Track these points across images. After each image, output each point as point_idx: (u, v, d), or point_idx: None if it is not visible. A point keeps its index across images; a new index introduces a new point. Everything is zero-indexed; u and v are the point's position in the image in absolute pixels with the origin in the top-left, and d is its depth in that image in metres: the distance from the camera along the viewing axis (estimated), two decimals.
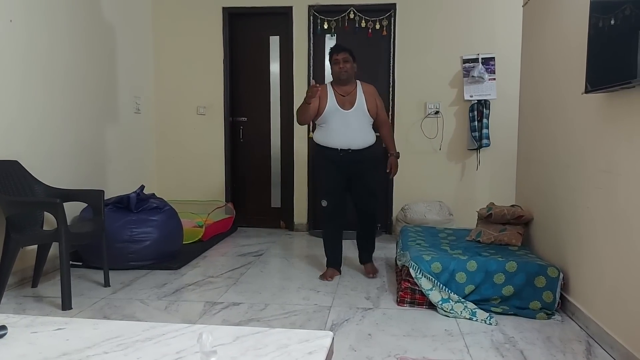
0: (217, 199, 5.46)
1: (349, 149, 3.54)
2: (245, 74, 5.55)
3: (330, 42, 5.32)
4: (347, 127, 3.53)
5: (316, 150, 3.70)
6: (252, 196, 5.65)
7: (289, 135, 5.44)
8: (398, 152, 3.76)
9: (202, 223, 4.75)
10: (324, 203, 3.64)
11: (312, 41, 5.30)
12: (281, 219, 5.59)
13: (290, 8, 5.28)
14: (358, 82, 3.65)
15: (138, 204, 3.93)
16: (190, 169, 5.54)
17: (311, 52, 5.30)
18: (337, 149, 3.55)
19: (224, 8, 5.37)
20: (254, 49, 5.51)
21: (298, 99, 5.33)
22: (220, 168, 5.53)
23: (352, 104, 3.56)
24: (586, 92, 2.63)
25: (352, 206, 3.73)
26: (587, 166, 2.82)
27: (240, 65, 5.54)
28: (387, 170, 3.72)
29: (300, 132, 5.35)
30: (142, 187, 4.07)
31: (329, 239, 3.77)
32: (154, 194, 4.24)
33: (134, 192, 3.97)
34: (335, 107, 3.55)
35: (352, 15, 5.14)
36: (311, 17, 5.26)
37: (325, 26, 5.24)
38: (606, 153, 2.59)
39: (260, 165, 5.61)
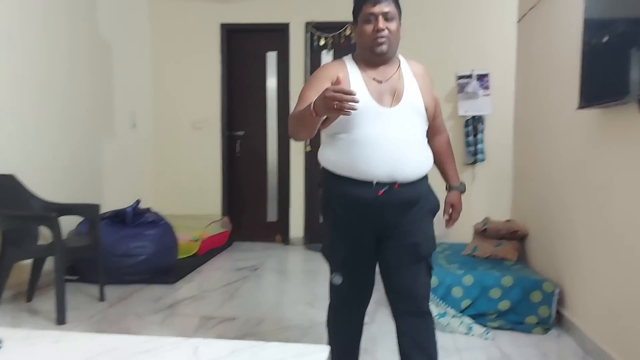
0: (213, 213, 5.45)
1: (394, 183, 1.84)
2: (242, 88, 5.58)
3: (326, 57, 5.36)
4: (390, 139, 1.84)
5: (327, 185, 1.97)
6: (248, 210, 5.65)
7: (285, 149, 5.46)
8: (463, 183, 2.16)
9: (198, 237, 4.74)
10: (337, 280, 2.05)
11: (309, 56, 5.35)
12: (277, 232, 5.58)
13: (287, 25, 5.33)
14: (401, 57, 2.00)
15: (134, 218, 3.93)
16: (186, 183, 5.54)
17: (308, 67, 5.35)
18: (372, 182, 1.84)
19: (222, 24, 5.41)
20: (251, 64, 5.55)
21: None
22: (217, 182, 5.54)
23: (396, 96, 1.88)
24: (580, 107, 2.65)
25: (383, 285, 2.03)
26: (581, 181, 2.84)
27: (237, 80, 5.57)
28: (446, 217, 2.13)
29: (297, 145, 5.37)
30: (138, 201, 4.08)
31: (339, 339, 2.15)
32: (149, 208, 4.24)
33: (129, 206, 3.97)
34: (367, 103, 1.83)
35: (348, 32, 5.19)
36: (308, 34, 5.31)
37: (322, 42, 5.28)
38: (600, 168, 2.61)
39: (257, 179, 5.62)
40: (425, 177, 1.96)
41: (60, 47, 3.99)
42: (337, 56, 5.27)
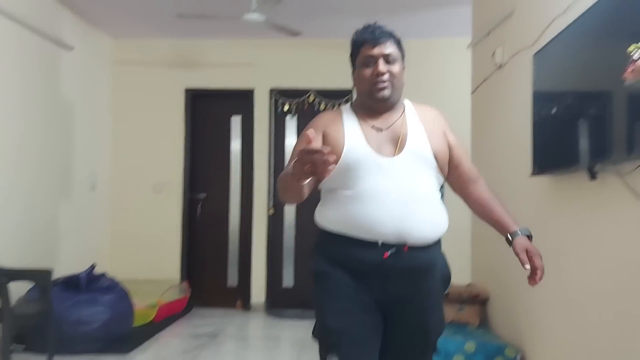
0: (172, 277, 5.30)
1: (403, 245, 1.61)
2: (205, 151, 5.59)
3: (291, 122, 5.48)
4: (395, 192, 1.61)
5: (325, 247, 1.72)
6: (209, 275, 5.51)
7: (248, 212, 5.43)
8: (527, 228, 1.79)
9: (155, 303, 4.57)
10: None
11: (273, 121, 5.44)
12: (238, 298, 5.44)
13: (252, 90, 5.44)
14: (408, 102, 1.81)
15: (88, 283, 3.79)
16: (145, 247, 5.40)
17: (272, 131, 5.44)
18: (377, 242, 1.61)
19: (186, 89, 5.48)
20: (216, 128, 5.60)
21: (258, 176, 5.40)
22: (176, 246, 5.42)
23: (399, 144, 1.68)
24: (533, 174, 2.76)
25: None
26: (537, 245, 2.91)
27: (200, 143, 5.59)
28: (527, 267, 1.74)
29: (260, 208, 5.35)
30: (93, 266, 3.95)
31: None
32: (105, 273, 4.10)
33: (84, 271, 3.84)
34: (366, 154, 1.65)
35: (312, 98, 5.33)
36: (272, 99, 5.43)
37: (286, 108, 5.40)
38: (554, 233, 2.69)
39: (218, 243, 5.53)
40: (439, 242, 1.74)
41: (17, 107, 3.94)
42: (301, 122, 5.41)
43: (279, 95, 5.43)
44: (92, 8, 4.64)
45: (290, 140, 5.49)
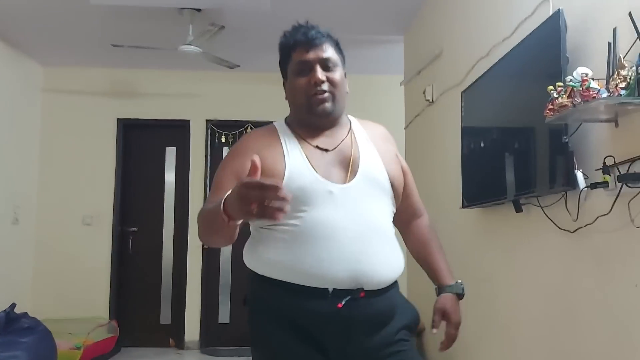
0: (100, 316, 5.03)
1: (359, 290, 1.33)
2: (138, 183, 5.42)
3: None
4: (348, 227, 1.34)
5: (260, 298, 1.41)
6: (140, 312, 5.28)
7: (182, 246, 5.28)
8: (459, 282, 1.61)
9: (81, 344, 4.32)
10: None
11: (209, 153, 5.38)
12: (171, 336, 5.23)
13: (188, 121, 5.38)
14: (352, 118, 1.55)
15: (7, 324, 3.54)
16: (72, 283, 5.11)
17: (209, 163, 5.36)
18: (327, 290, 1.32)
19: (118, 119, 5.34)
20: (149, 159, 5.46)
21: (193, 209, 5.28)
22: (106, 281, 5.17)
23: (350, 168, 1.41)
24: (463, 207, 2.87)
25: None
26: (469, 276, 3.00)
27: (133, 174, 5.42)
28: (435, 331, 1.58)
29: (194, 242, 5.22)
30: (13, 305, 3.70)
31: None
32: (26, 313, 3.84)
33: (2, 311, 3.59)
34: (312, 180, 1.36)
35: (249, 131, 5.32)
36: (209, 131, 5.38)
37: (223, 139, 5.37)
38: (484, 263, 2.79)
39: (150, 278, 5.33)
40: (396, 282, 1.45)
41: None
42: None
43: (216, 127, 5.39)
44: (20, 35, 4.48)
45: None
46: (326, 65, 1.40)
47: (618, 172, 1.65)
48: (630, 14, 1.58)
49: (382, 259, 1.36)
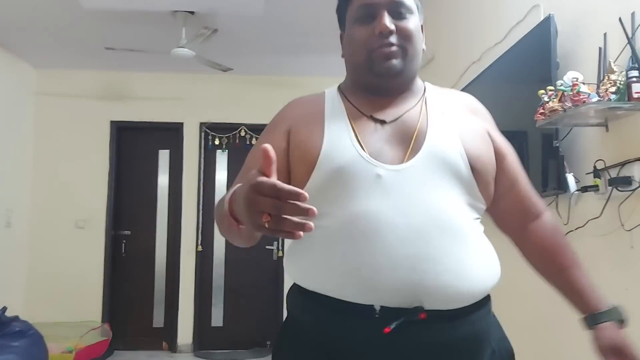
0: (93, 319, 5.00)
1: (417, 310, 0.93)
2: (131, 186, 5.41)
3: (221, 157, 5.42)
4: (402, 224, 0.95)
5: (289, 324, 1.08)
6: (133, 315, 5.26)
7: (175, 249, 5.26)
8: (617, 307, 1.10)
9: (72, 348, 4.30)
10: None
11: (203, 155, 5.36)
12: (164, 339, 5.22)
13: (182, 124, 5.37)
14: (428, 84, 1.23)
15: None
16: (64, 287, 5.08)
17: (202, 166, 5.35)
18: (372, 307, 0.93)
19: (112, 122, 5.32)
20: (142, 162, 5.44)
21: (187, 212, 5.28)
22: (99, 285, 5.15)
23: (412, 145, 1.03)
24: None
25: None
26: None
27: (126, 178, 5.41)
28: None
29: (188, 245, 5.21)
30: (4, 308, 3.69)
31: None
32: (17, 316, 3.82)
33: None
34: (356, 159, 0.99)
35: (242, 133, 5.32)
36: (202, 133, 5.37)
37: (217, 142, 5.36)
38: None
39: (143, 282, 5.30)
40: (487, 301, 1.07)
41: None
42: (232, 157, 5.37)
43: (209, 130, 5.38)
44: (13, 38, 4.45)
45: (221, 175, 5.42)
46: (397, 10, 1.06)
47: (608, 176, 1.67)
48: (620, 20, 1.60)
49: (454, 267, 0.95)
